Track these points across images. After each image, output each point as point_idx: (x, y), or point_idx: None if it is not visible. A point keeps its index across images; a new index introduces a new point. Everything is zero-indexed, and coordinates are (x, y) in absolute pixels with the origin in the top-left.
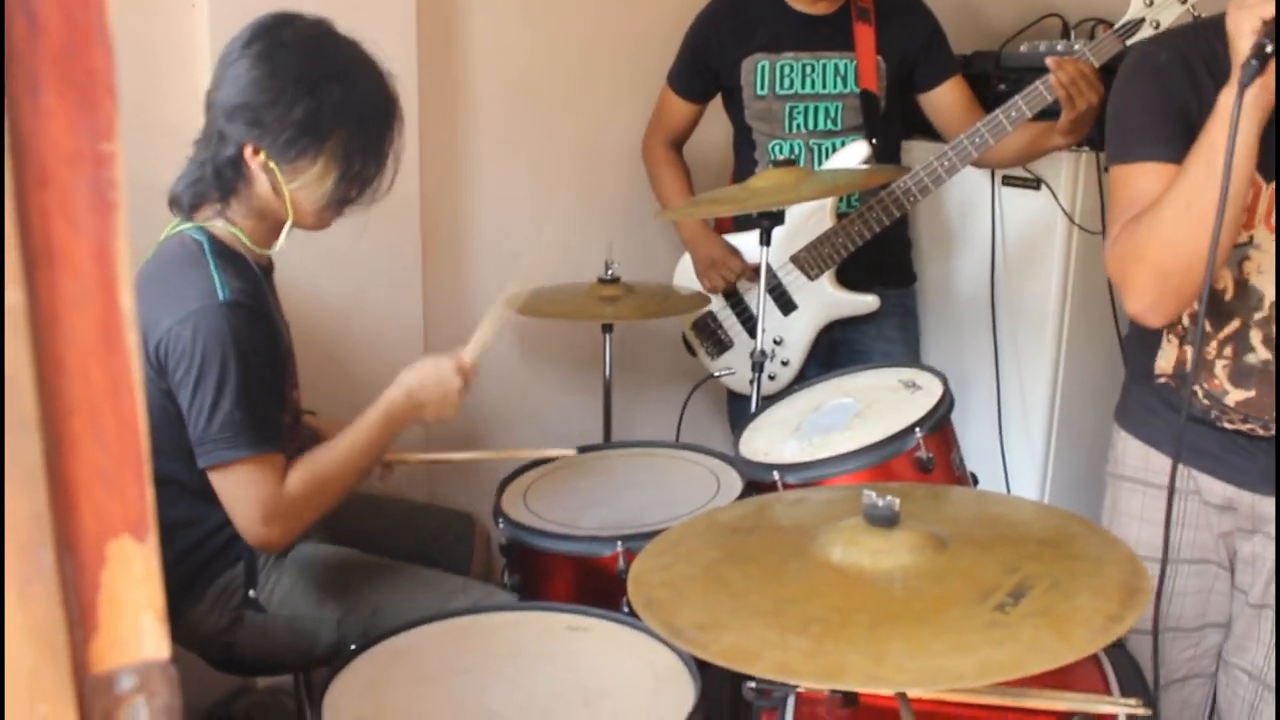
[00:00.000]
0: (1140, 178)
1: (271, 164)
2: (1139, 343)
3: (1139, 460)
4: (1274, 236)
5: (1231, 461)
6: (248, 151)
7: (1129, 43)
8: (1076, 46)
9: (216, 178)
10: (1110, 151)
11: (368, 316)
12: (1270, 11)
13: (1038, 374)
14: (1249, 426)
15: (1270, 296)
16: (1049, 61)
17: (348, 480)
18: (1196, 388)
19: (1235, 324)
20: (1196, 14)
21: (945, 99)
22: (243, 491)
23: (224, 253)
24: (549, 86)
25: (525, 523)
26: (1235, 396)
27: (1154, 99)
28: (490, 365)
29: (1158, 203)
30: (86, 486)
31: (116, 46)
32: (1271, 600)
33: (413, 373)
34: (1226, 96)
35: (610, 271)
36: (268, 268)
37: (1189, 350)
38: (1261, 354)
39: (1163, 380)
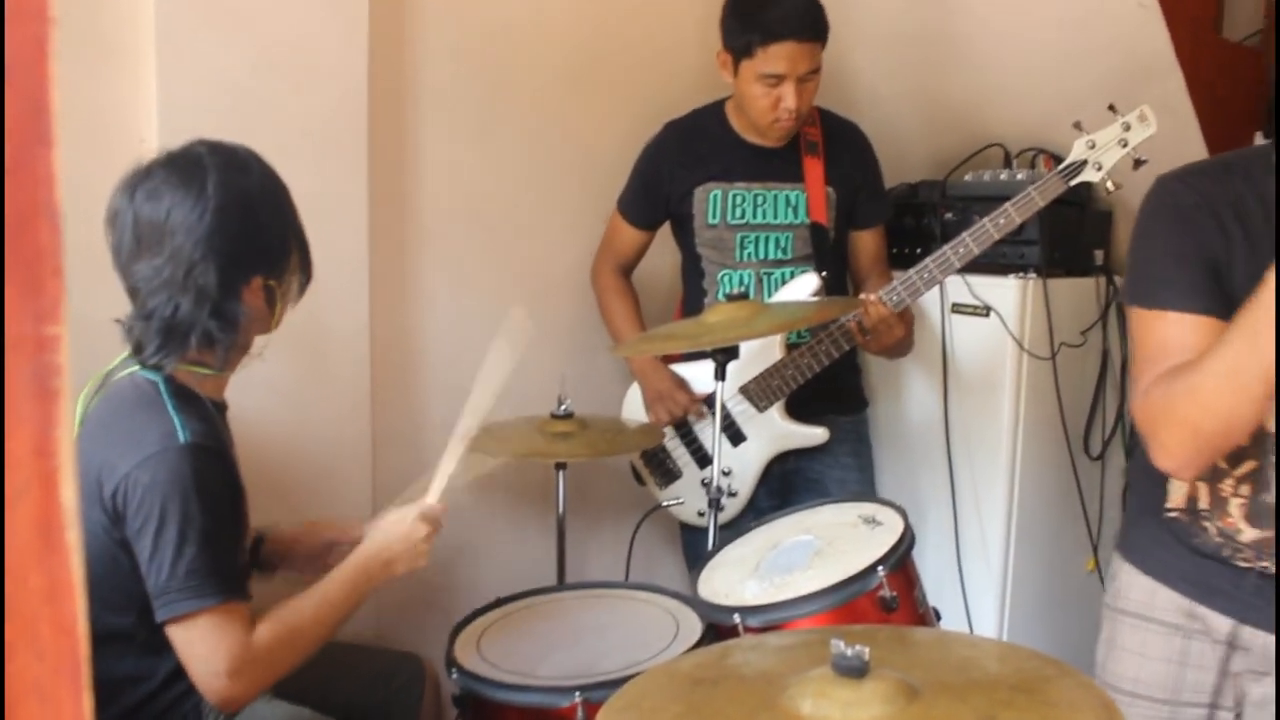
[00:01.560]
0: (1168, 327)
1: (271, 282)
2: (1146, 476)
3: (1144, 595)
4: None
5: (1245, 599)
6: (254, 284)
7: (1071, 183)
8: (1005, 175)
9: (211, 321)
10: (1131, 291)
11: (316, 447)
12: None
13: (994, 500)
14: (1263, 564)
15: None
16: (863, 296)
17: (319, 636)
18: (1209, 524)
19: (1252, 463)
20: (1138, 157)
21: (865, 243)
22: (207, 643)
23: (181, 393)
24: (501, 214)
25: (480, 673)
26: (1250, 535)
27: (1181, 244)
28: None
29: (1197, 367)
30: (20, 701)
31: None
32: None
33: (380, 531)
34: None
35: (563, 406)
36: (222, 406)
37: (1201, 486)
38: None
39: (1174, 514)
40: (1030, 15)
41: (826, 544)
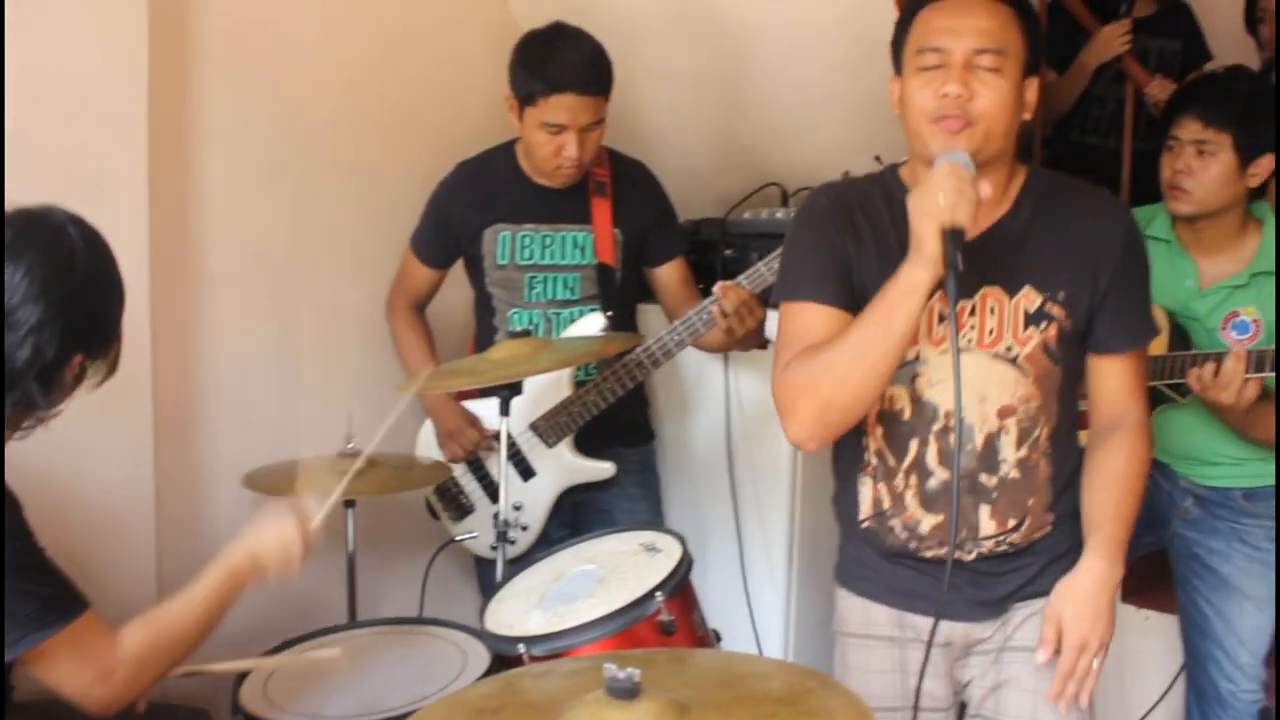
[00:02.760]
0: (803, 315)
1: (87, 364)
2: (843, 497)
3: (859, 615)
4: (938, 350)
5: (936, 596)
6: (74, 360)
7: None
8: (781, 214)
9: (35, 385)
10: (778, 289)
11: (96, 496)
12: (949, 219)
13: (777, 524)
14: (945, 550)
15: (945, 406)
16: (716, 289)
17: (189, 637)
18: (895, 523)
19: (914, 447)
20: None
21: (666, 277)
22: (70, 662)
23: None
24: (289, 252)
25: (266, 717)
26: (928, 523)
27: (814, 241)
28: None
29: (833, 347)
30: None
31: None
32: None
33: (256, 534)
34: (907, 273)
35: (351, 445)
36: None
37: (880, 487)
38: (940, 475)
39: (866, 524)
40: (806, 62)
41: (608, 572)
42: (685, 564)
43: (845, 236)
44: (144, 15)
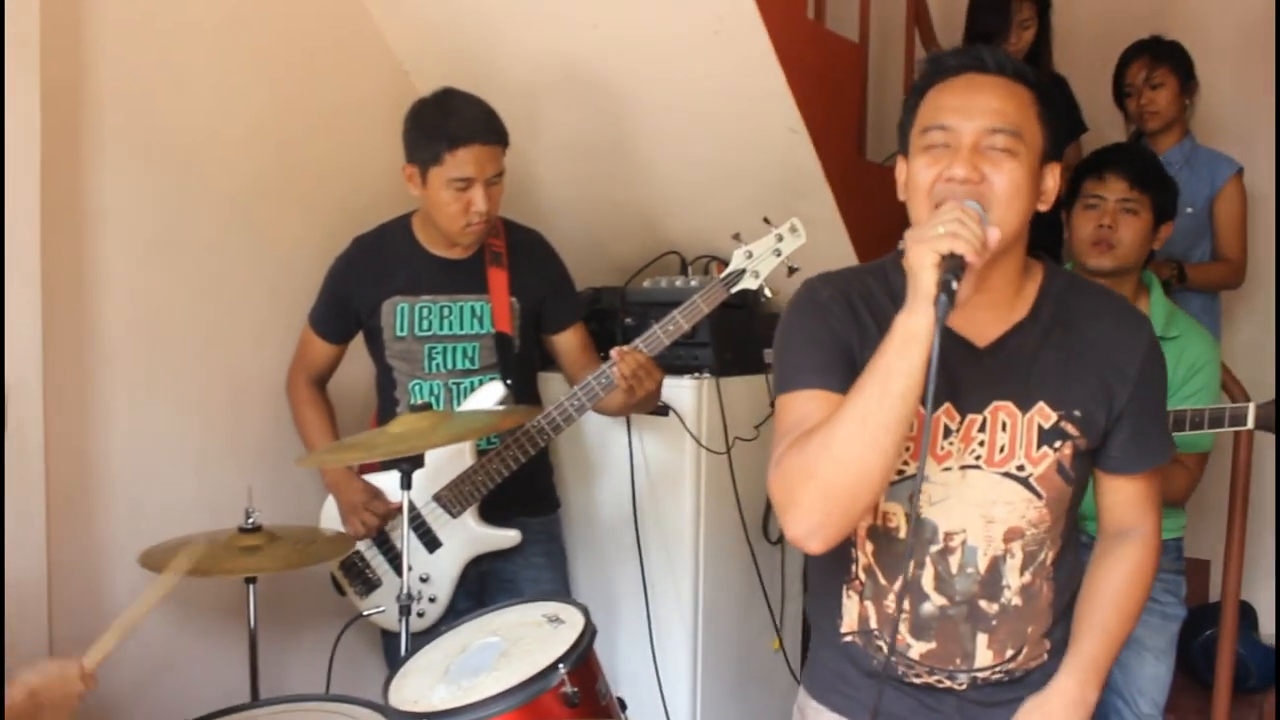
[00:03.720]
0: (803, 404)
1: None
2: (821, 606)
3: None
4: (941, 467)
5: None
6: None
7: (733, 290)
8: (680, 282)
9: None
10: (776, 383)
11: None
12: (946, 247)
13: (682, 589)
14: (935, 679)
15: (946, 528)
16: (613, 353)
17: None
18: (882, 643)
19: (909, 569)
20: (791, 265)
21: (567, 343)
22: None
23: None
24: (186, 326)
25: None
26: (918, 649)
27: (817, 331)
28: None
29: (830, 421)
30: None
31: None
32: None
33: (35, 673)
34: (902, 321)
35: (251, 520)
36: None
37: (868, 605)
38: (936, 600)
39: (849, 639)
40: (695, 135)
41: (512, 644)
42: (588, 635)
43: (849, 328)
44: (36, 89)
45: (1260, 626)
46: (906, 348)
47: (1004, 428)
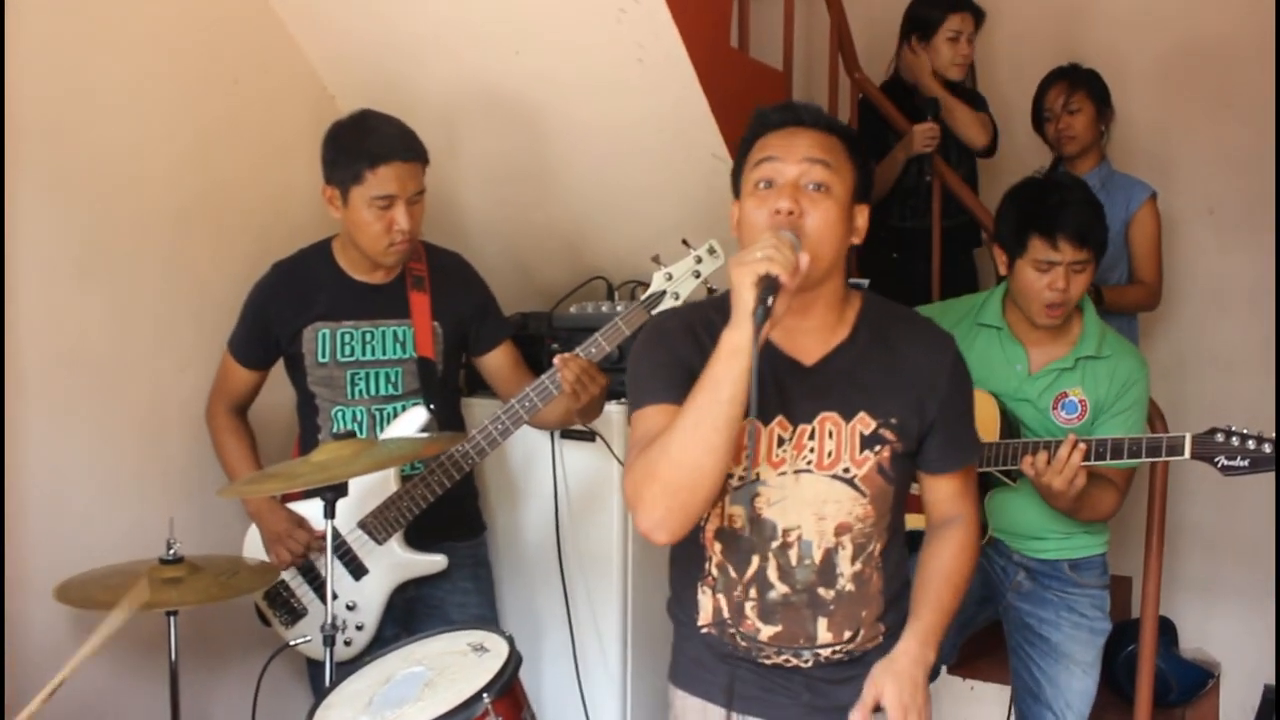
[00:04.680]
0: (652, 418)
1: None
2: (680, 603)
3: (697, 715)
4: (776, 472)
5: (774, 700)
6: None
7: (654, 312)
8: (605, 307)
9: None
10: (629, 402)
11: None
12: (763, 269)
13: (609, 613)
14: (784, 658)
15: (783, 524)
16: (556, 360)
17: None
18: (734, 631)
19: (755, 562)
20: (711, 287)
21: (496, 362)
22: None
23: None
24: (107, 354)
25: None
26: (767, 633)
27: (662, 355)
28: (42, 663)
29: (669, 428)
30: None
31: None
32: None
33: None
34: (727, 336)
35: (172, 551)
36: None
37: (720, 598)
38: (780, 589)
39: (705, 630)
40: (619, 161)
41: (437, 674)
42: (513, 663)
43: (690, 351)
44: None
45: (1181, 641)
46: (731, 359)
47: (831, 435)
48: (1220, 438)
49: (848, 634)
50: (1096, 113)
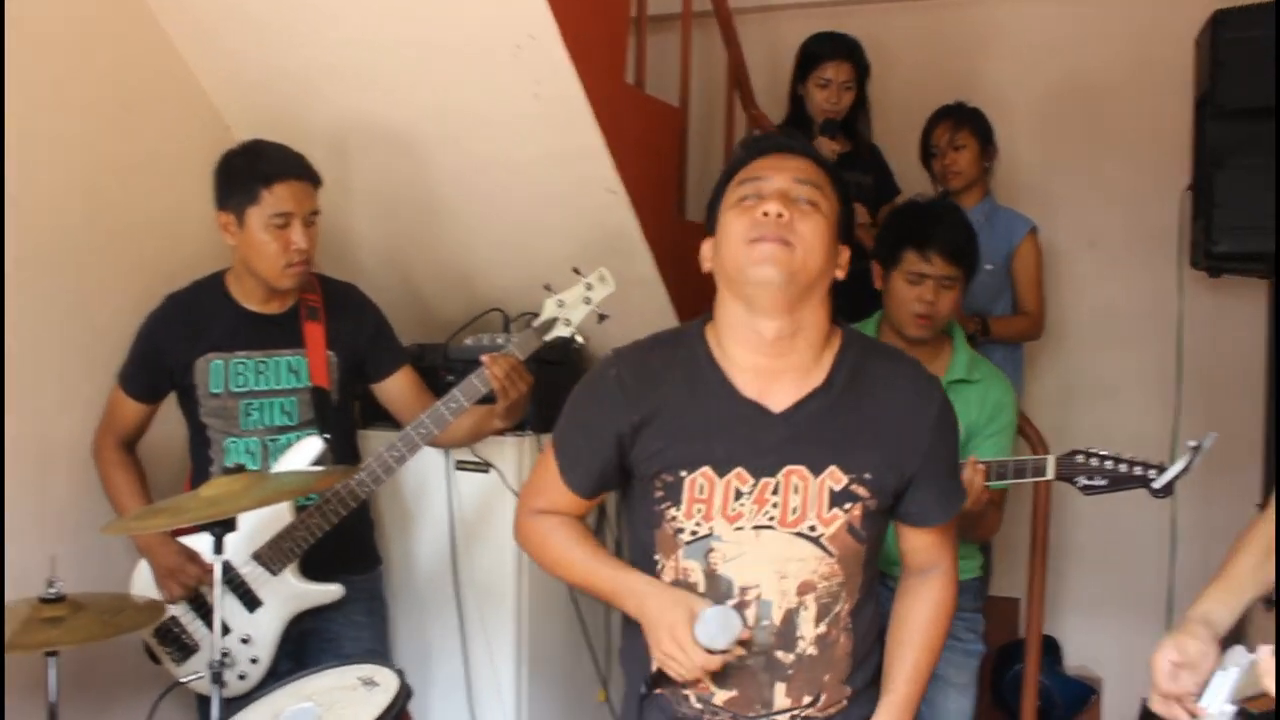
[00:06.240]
0: (552, 475)
1: None
2: (632, 659)
3: None
4: (733, 526)
5: None
6: None
7: (546, 338)
8: (501, 339)
9: None
10: (553, 435)
11: None
12: (658, 668)
13: (503, 644)
14: None
15: (740, 582)
16: (484, 359)
17: None
18: (689, 692)
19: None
20: (602, 313)
21: (395, 388)
22: None
23: None
24: None
25: None
26: (721, 696)
27: (589, 416)
28: None
29: (551, 549)
30: None
31: None
32: None
33: None
34: (629, 591)
35: (54, 589)
36: None
37: None
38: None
39: (659, 691)
40: (515, 194)
41: (326, 709)
42: (402, 698)
43: (621, 415)
44: None
45: (1065, 659)
46: (612, 599)
47: (796, 490)
48: (1080, 459)
49: (807, 699)
50: (981, 149)
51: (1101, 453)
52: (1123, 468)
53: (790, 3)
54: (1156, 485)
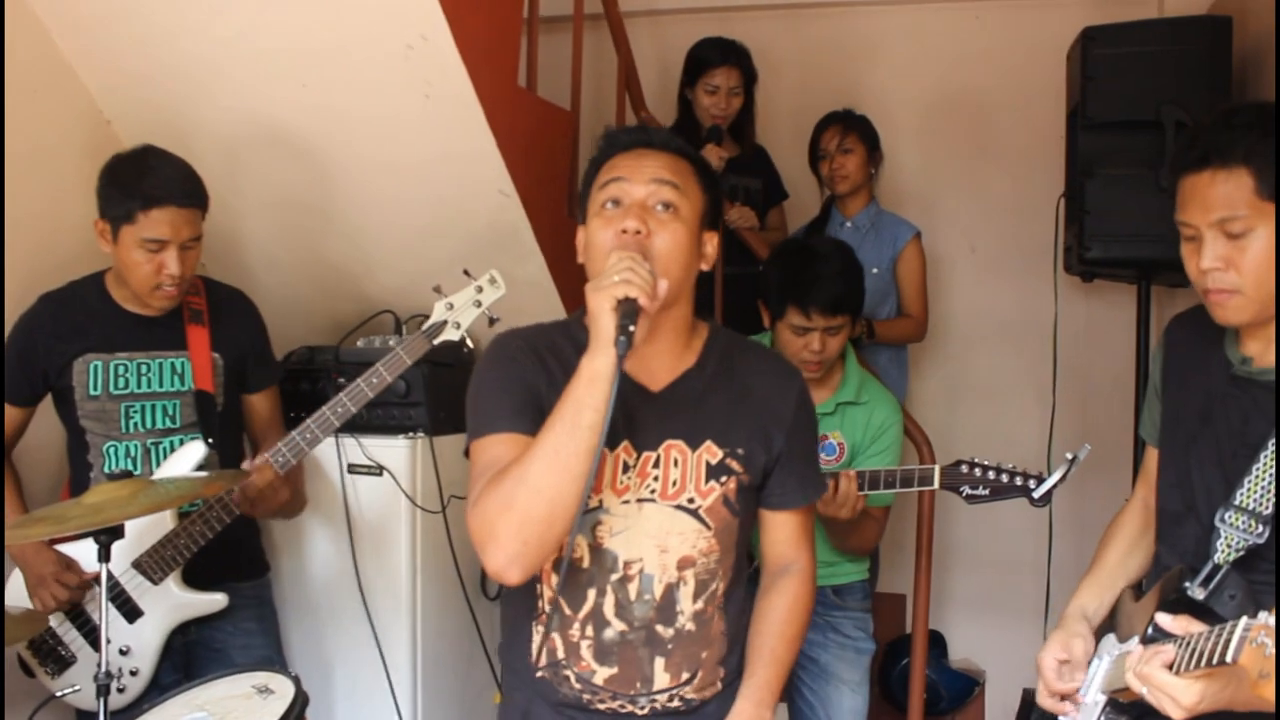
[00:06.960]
0: (495, 448)
1: None
2: (514, 648)
3: None
4: (620, 499)
5: None
6: None
7: (435, 342)
8: (393, 341)
9: None
10: (470, 431)
11: None
12: (621, 293)
13: (399, 647)
14: (619, 704)
15: (625, 556)
16: (247, 465)
17: None
18: (569, 673)
19: (592, 597)
20: (493, 316)
21: (261, 405)
22: None
23: None
24: None
25: None
26: (602, 675)
27: (507, 380)
28: None
29: (525, 456)
30: None
31: None
32: None
33: None
34: (588, 362)
35: None
36: None
37: (554, 637)
38: (617, 626)
39: (539, 673)
40: (405, 195)
41: (221, 719)
42: (299, 704)
43: (537, 375)
44: None
45: (950, 653)
46: (593, 385)
47: (676, 463)
48: (964, 469)
49: (685, 675)
50: (868, 154)
51: (985, 463)
52: (1004, 478)
53: (679, 7)
54: (1036, 495)
